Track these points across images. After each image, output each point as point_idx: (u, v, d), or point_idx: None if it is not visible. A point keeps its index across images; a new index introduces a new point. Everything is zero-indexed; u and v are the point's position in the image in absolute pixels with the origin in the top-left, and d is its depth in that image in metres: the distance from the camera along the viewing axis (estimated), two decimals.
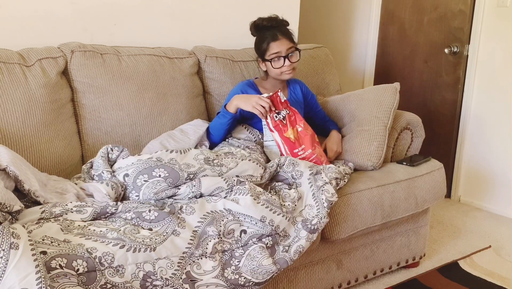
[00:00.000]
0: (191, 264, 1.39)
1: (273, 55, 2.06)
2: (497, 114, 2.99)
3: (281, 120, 1.96)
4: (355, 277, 2.07)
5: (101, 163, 1.72)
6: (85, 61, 2.00)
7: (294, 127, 1.98)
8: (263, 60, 2.11)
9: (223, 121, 2.00)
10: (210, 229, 1.45)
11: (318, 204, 1.70)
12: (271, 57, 2.06)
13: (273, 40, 2.05)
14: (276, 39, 2.05)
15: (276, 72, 2.09)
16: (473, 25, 3.01)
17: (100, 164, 1.71)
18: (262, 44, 2.08)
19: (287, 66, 2.06)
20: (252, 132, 2.09)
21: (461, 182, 3.23)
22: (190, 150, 1.75)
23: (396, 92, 2.15)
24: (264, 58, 2.10)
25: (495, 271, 2.29)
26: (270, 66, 2.09)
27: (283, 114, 1.97)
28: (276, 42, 2.05)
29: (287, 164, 1.84)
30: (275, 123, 1.95)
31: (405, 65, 3.44)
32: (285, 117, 1.97)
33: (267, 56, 2.08)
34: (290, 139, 1.96)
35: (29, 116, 1.80)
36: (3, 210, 1.31)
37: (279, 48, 2.05)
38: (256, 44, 2.13)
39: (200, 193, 1.61)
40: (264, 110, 1.91)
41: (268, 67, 2.11)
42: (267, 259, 1.50)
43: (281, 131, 1.96)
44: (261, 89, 2.16)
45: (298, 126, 1.99)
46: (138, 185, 1.61)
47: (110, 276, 1.25)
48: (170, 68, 2.20)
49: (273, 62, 2.07)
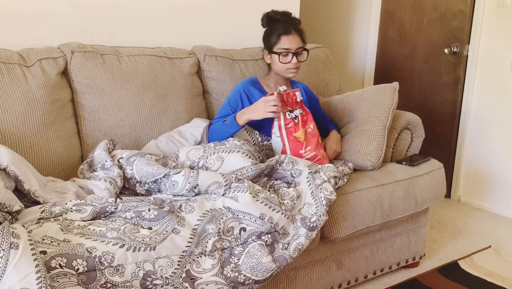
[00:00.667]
0: (191, 263, 1.39)
1: (282, 49, 2.04)
2: (497, 114, 2.99)
3: (293, 119, 1.94)
4: (355, 277, 2.07)
5: (104, 154, 1.77)
6: (85, 61, 2.00)
7: (305, 127, 1.96)
8: (270, 52, 2.08)
9: (230, 131, 1.97)
10: (209, 227, 1.45)
11: (316, 202, 1.70)
12: (279, 51, 2.04)
13: (285, 34, 2.03)
14: (288, 33, 2.03)
15: (281, 67, 2.07)
16: (473, 25, 3.01)
17: (103, 155, 1.77)
18: (273, 35, 2.05)
19: (293, 63, 2.04)
20: (252, 135, 2.09)
21: (461, 182, 3.23)
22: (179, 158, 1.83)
23: (395, 92, 2.15)
24: (272, 50, 2.06)
25: (495, 271, 2.29)
26: (277, 59, 2.06)
27: (296, 114, 1.95)
28: (288, 36, 2.03)
29: (286, 161, 1.84)
30: (287, 120, 1.93)
31: (405, 65, 3.44)
32: (297, 116, 1.95)
33: (276, 48, 2.05)
34: (298, 140, 1.94)
35: (29, 117, 1.80)
36: (3, 210, 1.31)
37: (289, 44, 2.03)
38: (266, 35, 2.10)
39: (196, 184, 1.62)
40: (276, 108, 1.87)
41: (273, 60, 2.08)
42: (267, 256, 1.50)
43: (290, 130, 1.94)
44: (264, 87, 2.15)
45: (308, 127, 1.98)
46: (131, 161, 1.73)
47: (110, 275, 1.26)
48: (170, 69, 2.20)
49: (280, 56, 2.04)
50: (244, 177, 1.70)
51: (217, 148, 1.83)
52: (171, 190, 1.65)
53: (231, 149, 1.81)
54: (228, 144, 1.85)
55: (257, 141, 2.08)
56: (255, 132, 2.09)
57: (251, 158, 1.80)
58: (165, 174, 1.66)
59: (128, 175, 1.71)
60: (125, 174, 1.71)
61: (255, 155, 1.86)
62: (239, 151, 1.79)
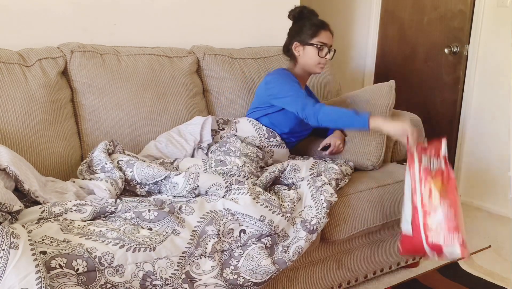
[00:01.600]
0: (191, 264, 1.39)
1: (320, 43, 2.03)
2: (497, 114, 2.99)
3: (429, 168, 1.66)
4: (355, 277, 2.06)
5: (103, 156, 1.76)
6: (85, 61, 2.00)
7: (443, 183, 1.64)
8: (304, 44, 2.06)
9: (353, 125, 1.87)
10: (209, 228, 1.45)
11: (317, 204, 1.70)
12: (318, 43, 2.03)
13: (324, 29, 2.05)
14: (327, 29, 2.06)
15: (314, 61, 2.05)
16: (473, 25, 3.01)
17: (103, 157, 1.75)
18: (310, 27, 2.04)
19: (326, 59, 2.05)
20: (259, 132, 2.06)
21: (461, 182, 3.23)
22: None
23: (391, 91, 2.14)
24: (308, 41, 2.04)
25: (495, 271, 2.29)
26: (311, 52, 2.04)
27: (435, 166, 1.67)
28: (326, 31, 2.05)
29: (288, 169, 1.84)
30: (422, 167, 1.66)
31: (405, 65, 3.44)
32: (435, 168, 1.67)
33: (314, 40, 2.03)
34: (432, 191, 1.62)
35: (29, 117, 1.80)
36: (3, 210, 1.31)
37: (327, 39, 2.05)
38: (300, 27, 2.07)
39: (197, 185, 1.62)
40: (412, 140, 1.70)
41: (306, 53, 2.06)
42: (266, 259, 1.50)
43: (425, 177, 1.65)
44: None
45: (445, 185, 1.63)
46: (131, 163, 1.73)
47: (110, 275, 1.26)
48: (170, 68, 2.20)
49: (318, 49, 2.03)
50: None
51: (218, 169, 1.79)
52: (172, 191, 1.65)
53: (232, 172, 1.77)
54: (229, 165, 1.80)
55: (264, 137, 2.06)
56: (262, 128, 2.07)
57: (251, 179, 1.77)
58: (165, 176, 1.66)
59: (128, 177, 1.70)
60: (126, 175, 1.71)
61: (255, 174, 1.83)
62: (240, 175, 1.76)
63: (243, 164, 1.82)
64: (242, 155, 1.87)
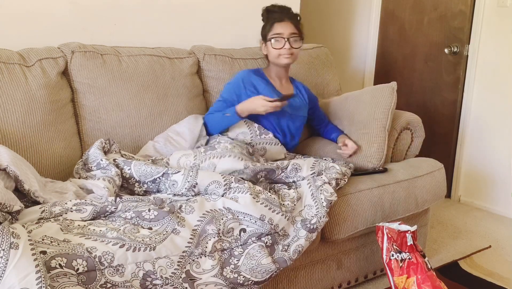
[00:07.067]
0: (191, 263, 1.39)
1: (275, 35, 2.05)
2: (497, 114, 2.99)
3: (398, 260, 1.72)
4: (355, 277, 2.06)
5: (99, 152, 1.75)
6: (85, 61, 2.00)
7: (410, 277, 1.70)
8: (266, 41, 2.10)
9: (229, 123, 2.02)
10: (209, 227, 1.45)
11: (317, 203, 1.70)
12: (272, 36, 2.06)
13: (278, 21, 2.06)
14: (281, 20, 2.06)
15: (274, 53, 2.07)
16: (473, 25, 3.01)
17: (98, 154, 1.75)
18: (267, 23, 2.09)
19: (286, 49, 2.05)
20: (251, 128, 2.06)
21: (461, 182, 3.23)
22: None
23: (393, 92, 2.15)
24: (266, 37, 2.09)
25: (495, 271, 2.29)
26: (270, 46, 2.08)
27: (404, 257, 1.73)
28: (280, 23, 2.06)
29: (290, 168, 1.84)
30: (388, 260, 1.74)
31: (405, 65, 3.44)
32: (405, 260, 1.73)
33: (270, 35, 2.07)
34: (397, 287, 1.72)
35: (29, 117, 1.80)
36: (3, 210, 1.31)
37: (282, 29, 2.05)
38: (263, 27, 2.13)
39: (195, 183, 1.62)
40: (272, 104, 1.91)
41: (268, 48, 2.11)
42: (266, 258, 1.50)
43: (393, 272, 1.74)
44: (269, 78, 2.15)
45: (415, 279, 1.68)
46: (128, 161, 1.74)
47: (110, 275, 1.26)
48: (170, 69, 2.20)
49: (273, 41, 2.06)
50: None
51: (207, 153, 1.81)
52: (171, 189, 1.65)
53: (222, 153, 1.79)
54: (219, 148, 1.83)
55: (256, 134, 2.06)
56: (254, 126, 2.07)
57: (243, 160, 1.78)
58: (163, 173, 1.66)
59: (126, 175, 1.70)
60: (123, 173, 1.71)
61: (247, 157, 1.84)
62: (230, 155, 1.77)
63: (233, 147, 1.85)
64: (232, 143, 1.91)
